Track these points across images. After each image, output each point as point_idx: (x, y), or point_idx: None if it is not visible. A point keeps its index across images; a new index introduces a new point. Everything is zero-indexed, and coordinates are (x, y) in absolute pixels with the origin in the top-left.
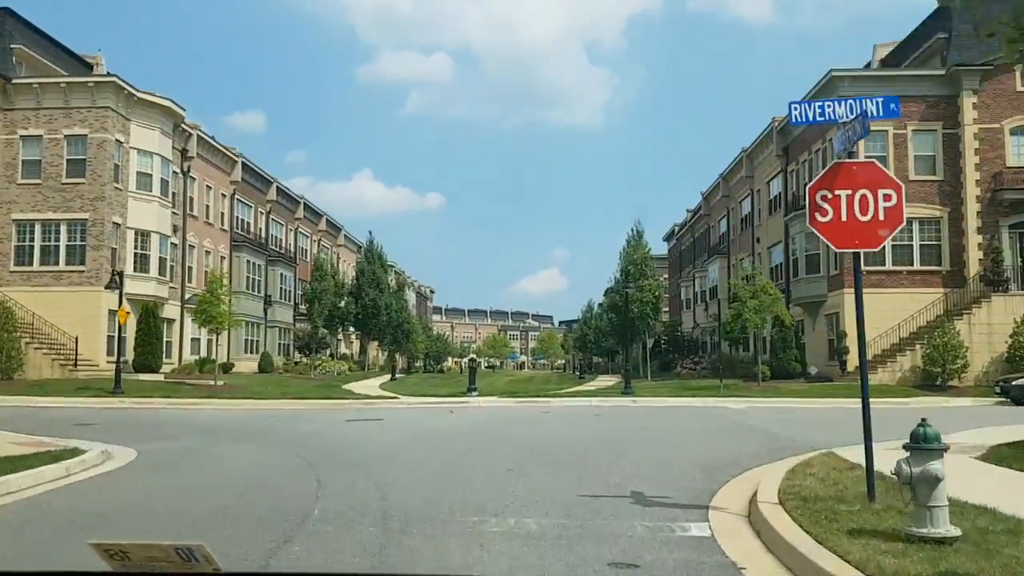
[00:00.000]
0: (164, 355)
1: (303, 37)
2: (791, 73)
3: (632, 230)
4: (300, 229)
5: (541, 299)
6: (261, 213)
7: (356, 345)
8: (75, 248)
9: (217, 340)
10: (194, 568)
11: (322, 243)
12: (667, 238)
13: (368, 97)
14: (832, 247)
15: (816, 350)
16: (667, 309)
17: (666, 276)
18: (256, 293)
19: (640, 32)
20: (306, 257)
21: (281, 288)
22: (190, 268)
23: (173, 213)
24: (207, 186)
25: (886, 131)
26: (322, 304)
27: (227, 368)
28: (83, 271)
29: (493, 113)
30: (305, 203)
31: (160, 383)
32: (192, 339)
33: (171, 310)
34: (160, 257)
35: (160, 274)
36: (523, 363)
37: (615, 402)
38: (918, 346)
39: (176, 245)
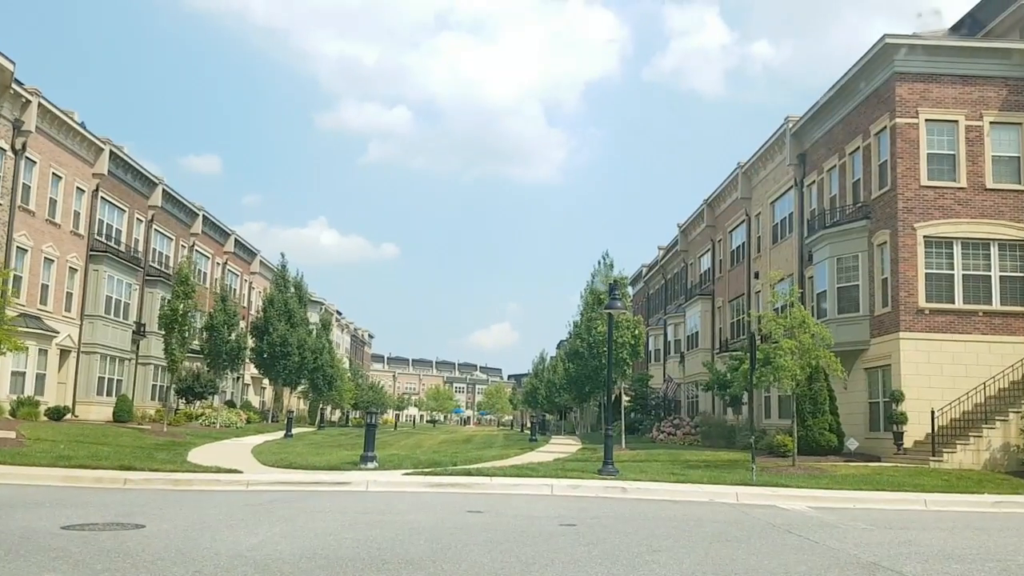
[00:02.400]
0: None
1: (263, 83)
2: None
3: (601, 259)
4: (198, 247)
5: (493, 353)
6: (139, 220)
7: (269, 392)
8: None
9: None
10: None
11: (229, 267)
12: (632, 282)
13: (327, 145)
14: None
15: (851, 417)
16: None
17: None
18: (122, 319)
19: (597, 95)
20: (205, 281)
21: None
22: (18, 277)
23: None
24: (55, 174)
25: (956, 122)
26: (218, 338)
27: (60, 413)
28: None
29: (452, 166)
30: (206, 215)
31: None
32: (14, 372)
33: None
34: None
35: None
36: (468, 418)
37: (592, 489)
38: (1012, 415)
39: None
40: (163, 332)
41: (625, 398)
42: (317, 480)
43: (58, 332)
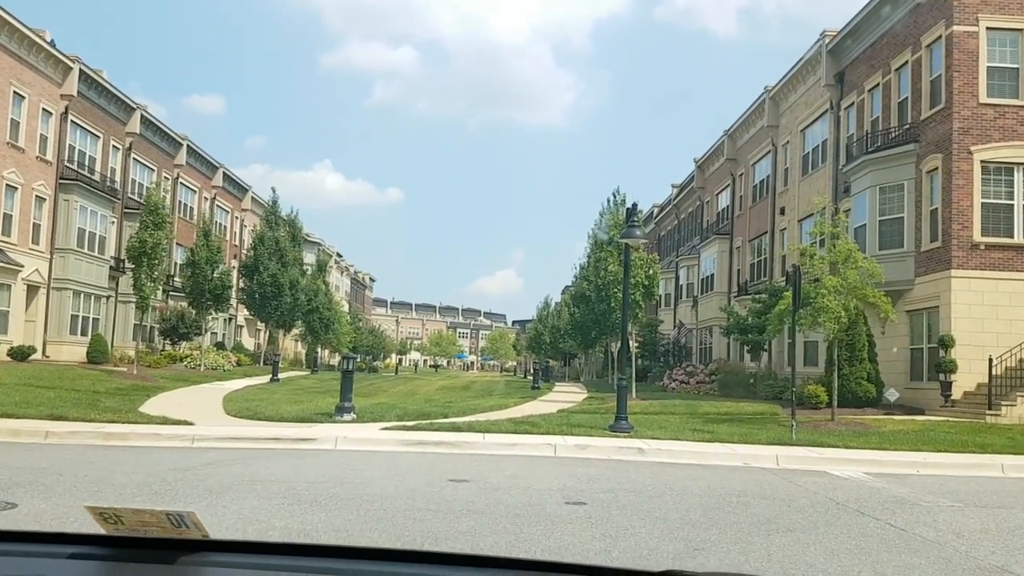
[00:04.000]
0: None
1: (266, 19)
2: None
3: (612, 196)
4: (183, 180)
5: (497, 299)
6: (116, 148)
7: (265, 335)
8: None
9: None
10: (184, 533)
11: (218, 203)
12: (643, 223)
13: (332, 86)
14: None
15: (890, 365)
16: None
17: None
18: (97, 254)
19: (607, 35)
20: (191, 216)
21: None
22: None
23: None
24: (16, 93)
25: (1021, 31)
26: (200, 276)
27: (24, 354)
28: None
29: (458, 109)
30: (190, 146)
31: None
32: None
33: None
34: None
35: None
36: (471, 363)
37: (603, 450)
38: None
39: None
40: (131, 266)
41: (633, 344)
42: (278, 435)
43: (23, 266)
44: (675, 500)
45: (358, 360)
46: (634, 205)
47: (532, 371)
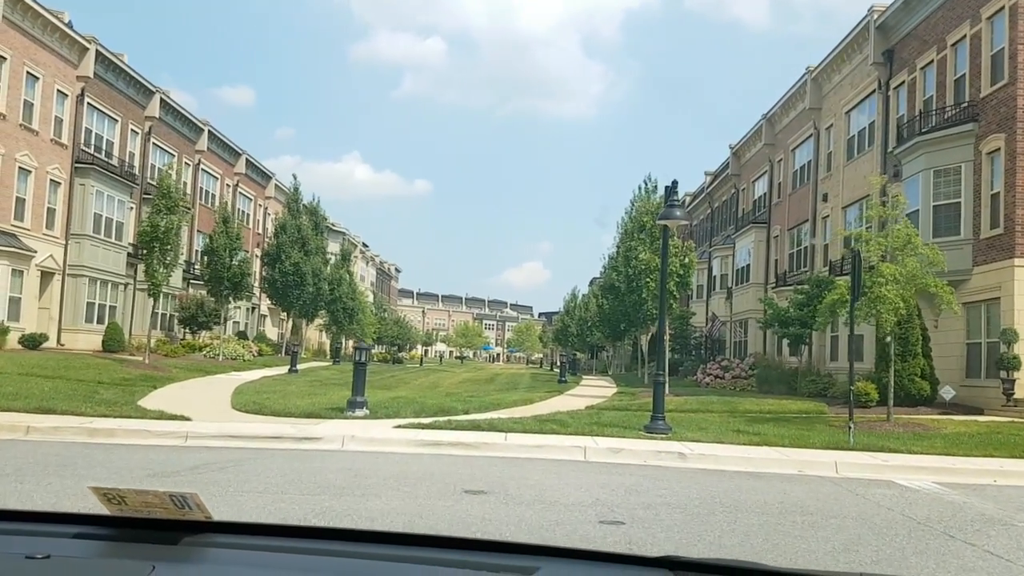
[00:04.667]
0: None
1: (295, 11)
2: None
3: (644, 183)
4: (204, 166)
5: (523, 291)
6: (135, 132)
7: (289, 324)
8: None
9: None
10: (187, 515)
11: (241, 190)
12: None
13: (361, 78)
14: None
15: (944, 360)
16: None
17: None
18: (114, 240)
19: (637, 25)
20: (212, 203)
21: None
22: None
23: None
24: (30, 74)
25: None
26: (218, 263)
27: (36, 342)
28: None
29: (485, 101)
30: (212, 131)
31: None
32: None
33: None
34: None
35: None
36: (497, 355)
37: (639, 454)
38: None
39: None
40: (142, 252)
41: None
42: (281, 433)
43: (36, 251)
44: (728, 519)
45: (378, 351)
46: (674, 183)
47: (559, 364)
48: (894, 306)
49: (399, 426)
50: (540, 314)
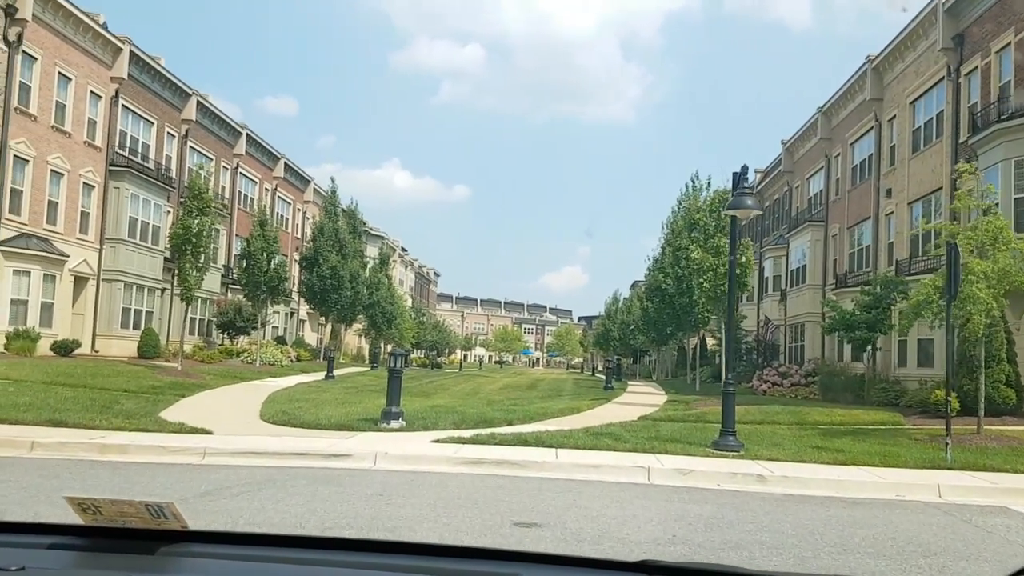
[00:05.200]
0: None
1: (337, 21)
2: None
3: (691, 181)
4: (243, 169)
5: (563, 295)
6: (171, 135)
7: (328, 329)
8: None
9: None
10: (163, 524)
11: (280, 194)
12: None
13: (401, 85)
14: None
15: None
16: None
17: None
18: (150, 244)
19: (677, 27)
20: (250, 207)
21: None
22: (17, 192)
23: None
24: (62, 75)
25: None
26: (255, 267)
27: (68, 348)
28: None
29: (523, 106)
30: (250, 135)
31: None
32: (14, 300)
33: None
34: None
35: None
36: (536, 359)
37: (711, 476)
38: None
39: None
40: (175, 255)
41: (711, 341)
42: (308, 449)
43: (68, 256)
44: (839, 564)
45: (417, 355)
46: (744, 169)
47: (605, 369)
48: (986, 307)
49: (437, 440)
50: (580, 318)
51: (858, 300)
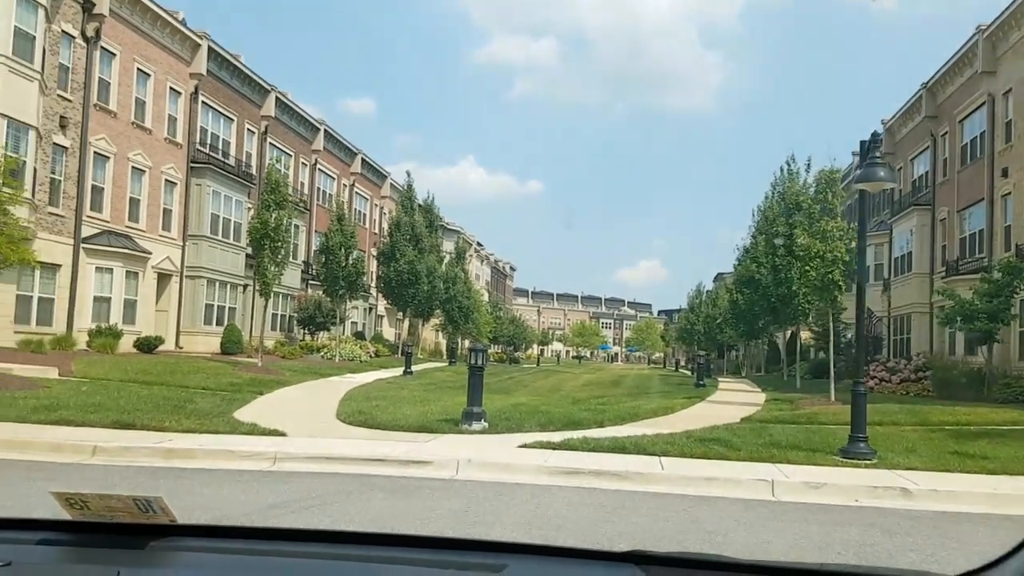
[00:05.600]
0: (35, 319)
1: (413, 20)
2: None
3: (786, 164)
4: (321, 165)
5: (640, 289)
6: (251, 132)
7: (406, 324)
8: None
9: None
10: (151, 518)
11: (357, 190)
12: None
13: (476, 82)
14: None
15: None
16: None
17: None
18: (232, 241)
19: (757, 12)
20: (329, 203)
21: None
22: (99, 189)
23: (62, 98)
24: (140, 71)
25: None
26: (333, 262)
27: (151, 345)
28: None
29: (599, 98)
30: (328, 131)
31: None
32: (97, 298)
33: (54, 250)
34: (18, 159)
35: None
36: (615, 354)
37: (847, 489)
38: None
39: (66, 149)
40: (255, 250)
41: (805, 335)
42: (384, 455)
43: (151, 253)
44: None
45: (494, 350)
46: (874, 136)
47: (695, 365)
48: None
49: (524, 445)
50: (660, 312)
51: (976, 288)
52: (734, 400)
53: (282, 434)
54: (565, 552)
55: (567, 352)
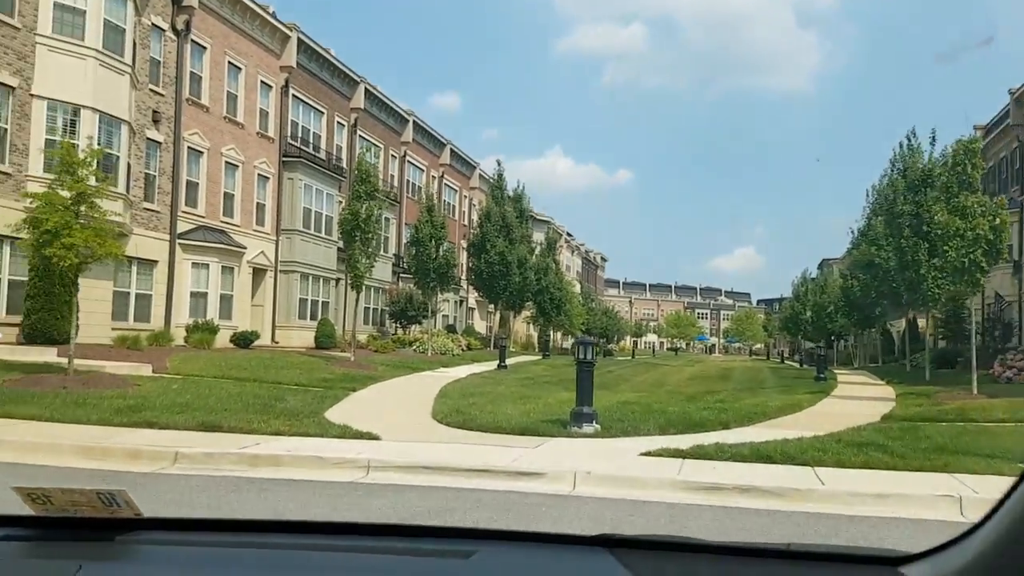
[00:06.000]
0: (133, 315)
1: (498, 12)
2: None
3: (905, 140)
4: (410, 157)
5: (736, 278)
6: (340, 124)
7: (496, 317)
8: None
9: (230, 290)
10: (115, 512)
11: (446, 181)
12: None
13: (562, 72)
14: None
15: None
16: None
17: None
18: (324, 234)
19: None
20: (418, 196)
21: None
22: (193, 184)
23: (155, 92)
24: (231, 64)
25: None
26: (424, 254)
27: (247, 340)
28: None
29: (690, 83)
30: (416, 122)
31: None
32: (194, 293)
33: (150, 246)
34: (110, 155)
35: (113, 185)
36: (712, 346)
37: None
38: None
39: (160, 144)
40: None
41: (924, 324)
42: (490, 464)
43: (245, 248)
44: None
45: (598, 345)
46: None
47: (802, 356)
48: None
49: (648, 453)
50: (759, 301)
51: None
52: (861, 395)
53: (376, 438)
54: (535, 537)
55: (661, 344)
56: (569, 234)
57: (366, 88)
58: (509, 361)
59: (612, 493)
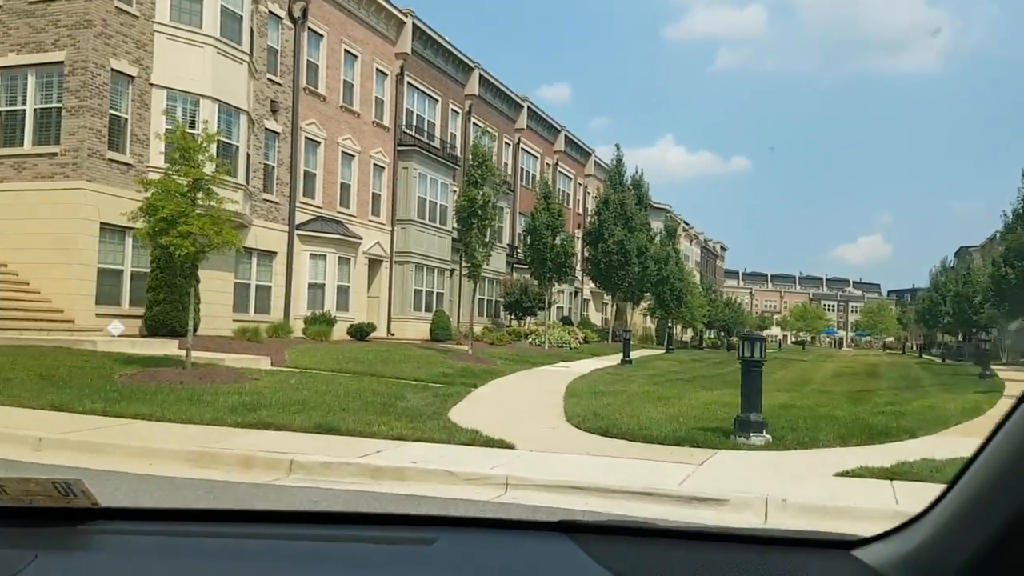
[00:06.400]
0: (253, 306)
1: (608, 3)
2: None
3: None
4: (524, 145)
5: (861, 268)
6: (455, 111)
7: (612, 309)
8: (49, 115)
9: (347, 281)
10: (72, 502)
11: (560, 169)
12: None
13: (673, 59)
14: None
15: None
16: None
17: None
18: (438, 224)
19: None
20: (533, 184)
21: None
22: (310, 175)
23: (272, 82)
24: (348, 52)
25: None
26: (540, 243)
27: (364, 332)
28: (55, 154)
29: (811, 65)
30: (531, 108)
31: (140, 357)
32: (312, 284)
33: (269, 237)
34: (229, 145)
35: (231, 175)
36: (840, 339)
37: None
38: None
39: (278, 134)
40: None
41: None
42: (651, 487)
43: (362, 238)
44: None
45: (709, 336)
46: None
47: (978, 351)
48: None
49: (844, 472)
50: (889, 292)
51: None
52: None
53: (510, 446)
54: (495, 523)
55: (785, 337)
56: (686, 222)
57: (480, 74)
58: (631, 355)
59: (817, 526)
